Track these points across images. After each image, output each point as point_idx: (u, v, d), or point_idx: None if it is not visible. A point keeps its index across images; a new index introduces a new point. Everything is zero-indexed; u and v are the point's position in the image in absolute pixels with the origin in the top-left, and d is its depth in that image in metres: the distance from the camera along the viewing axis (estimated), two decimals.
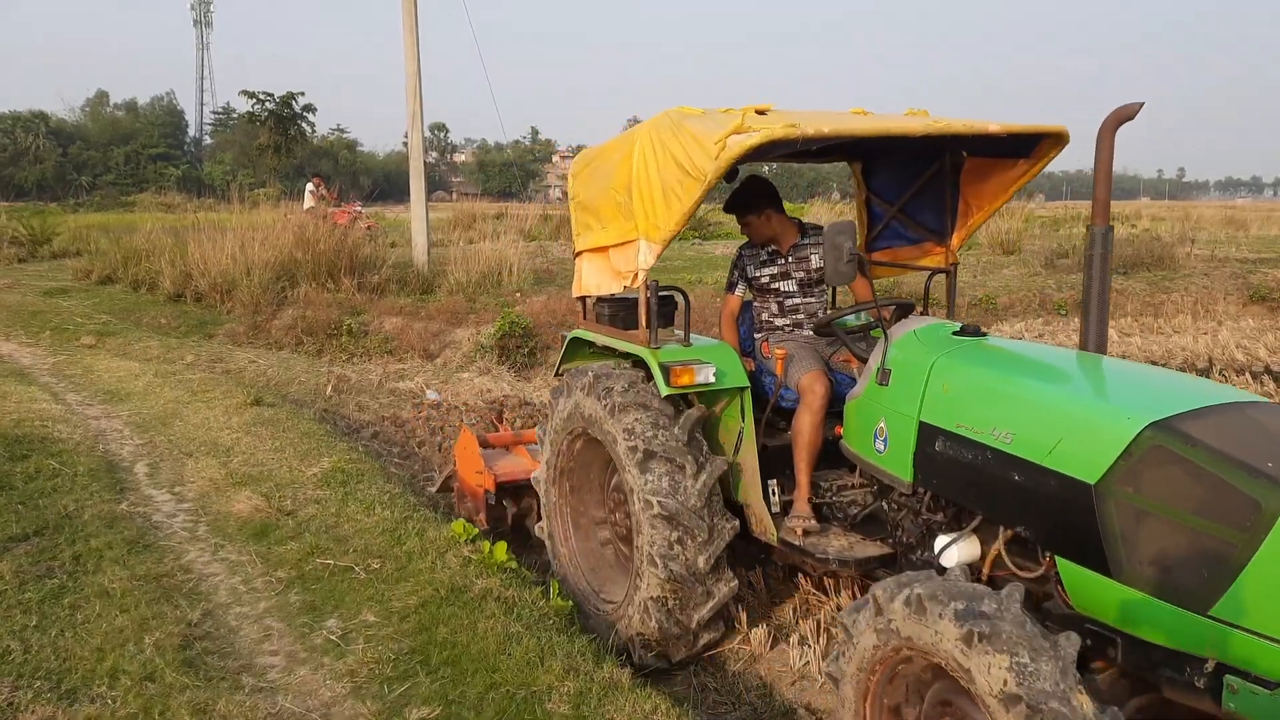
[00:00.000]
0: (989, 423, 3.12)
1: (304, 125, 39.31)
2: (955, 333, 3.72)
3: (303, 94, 37.98)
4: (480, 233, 20.76)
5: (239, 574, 4.81)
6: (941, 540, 3.34)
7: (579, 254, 4.81)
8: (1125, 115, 3.41)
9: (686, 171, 3.71)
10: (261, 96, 37.12)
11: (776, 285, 4.67)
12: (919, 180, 4.74)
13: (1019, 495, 3.01)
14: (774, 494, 4.19)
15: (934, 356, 3.51)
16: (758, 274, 4.68)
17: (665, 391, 4.03)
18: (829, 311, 4.73)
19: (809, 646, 4.30)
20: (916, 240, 4.91)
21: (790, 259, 4.64)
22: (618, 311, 4.64)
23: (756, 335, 4.80)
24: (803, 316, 4.66)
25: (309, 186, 20.51)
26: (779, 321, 4.69)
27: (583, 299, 4.92)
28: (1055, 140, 4.03)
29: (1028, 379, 3.28)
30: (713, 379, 4.09)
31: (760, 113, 3.75)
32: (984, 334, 3.72)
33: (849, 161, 5.25)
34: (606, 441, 4.18)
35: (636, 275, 4.15)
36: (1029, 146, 4.13)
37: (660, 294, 4.30)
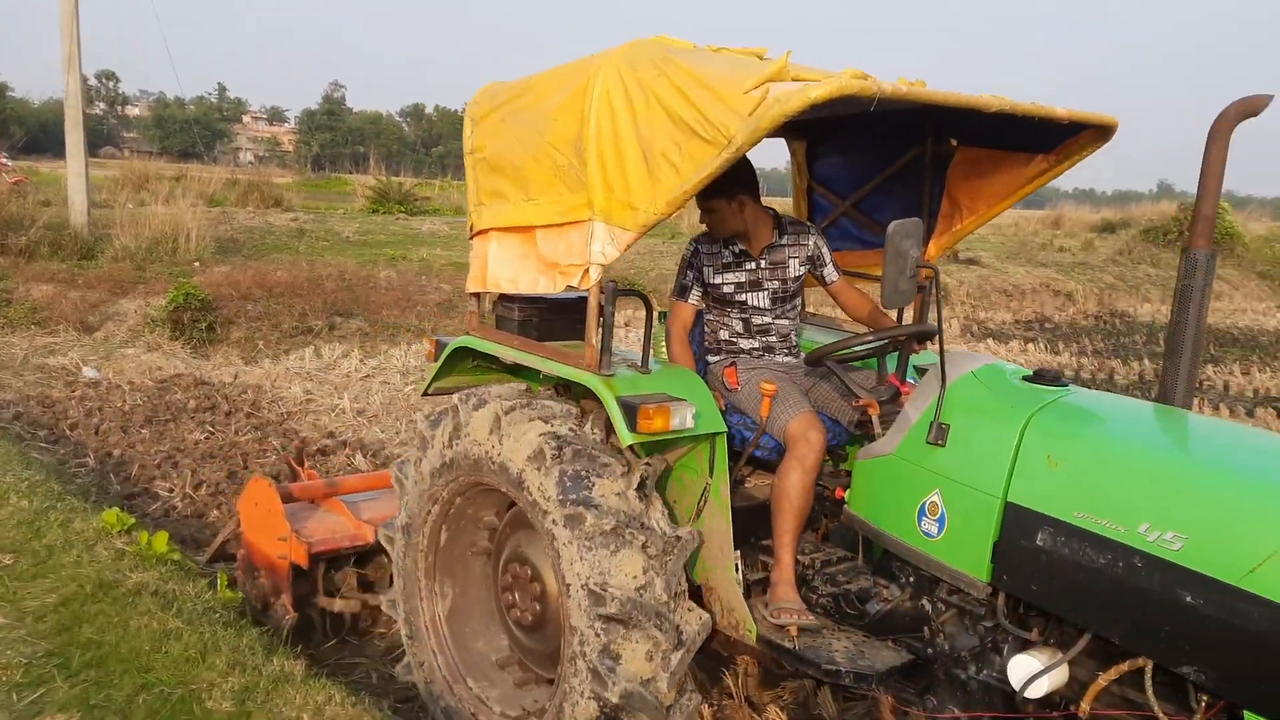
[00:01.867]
0: (1136, 517, 2.34)
1: None
2: (1027, 378, 2.90)
3: None
4: (154, 194, 18.80)
5: None
6: (1024, 662, 2.56)
7: (480, 232, 3.60)
8: (1249, 110, 2.66)
9: (694, 131, 2.63)
10: None
11: (743, 297, 3.64)
12: (884, 170, 3.92)
13: (1188, 622, 2.21)
14: (738, 571, 3.16)
15: (1025, 413, 2.67)
16: (718, 280, 3.64)
17: (628, 440, 2.92)
18: (864, 335, 3.48)
19: None
20: (873, 243, 4.01)
21: (763, 263, 3.63)
22: (532, 316, 3.49)
23: (712, 360, 3.75)
24: (774, 339, 3.68)
25: None
26: (744, 344, 3.68)
27: (477, 295, 3.73)
28: (1099, 134, 3.17)
29: (1190, 456, 2.53)
30: (692, 423, 3.02)
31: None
32: (1065, 382, 2.87)
33: (789, 140, 4.33)
34: (522, 500, 3.07)
35: (587, 272, 3.02)
36: (1054, 140, 3.27)
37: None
